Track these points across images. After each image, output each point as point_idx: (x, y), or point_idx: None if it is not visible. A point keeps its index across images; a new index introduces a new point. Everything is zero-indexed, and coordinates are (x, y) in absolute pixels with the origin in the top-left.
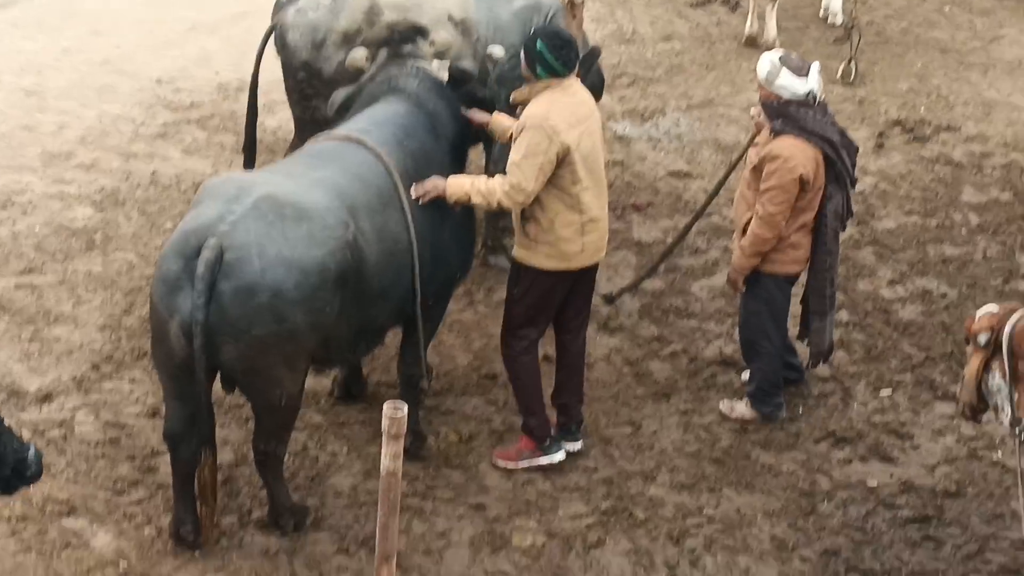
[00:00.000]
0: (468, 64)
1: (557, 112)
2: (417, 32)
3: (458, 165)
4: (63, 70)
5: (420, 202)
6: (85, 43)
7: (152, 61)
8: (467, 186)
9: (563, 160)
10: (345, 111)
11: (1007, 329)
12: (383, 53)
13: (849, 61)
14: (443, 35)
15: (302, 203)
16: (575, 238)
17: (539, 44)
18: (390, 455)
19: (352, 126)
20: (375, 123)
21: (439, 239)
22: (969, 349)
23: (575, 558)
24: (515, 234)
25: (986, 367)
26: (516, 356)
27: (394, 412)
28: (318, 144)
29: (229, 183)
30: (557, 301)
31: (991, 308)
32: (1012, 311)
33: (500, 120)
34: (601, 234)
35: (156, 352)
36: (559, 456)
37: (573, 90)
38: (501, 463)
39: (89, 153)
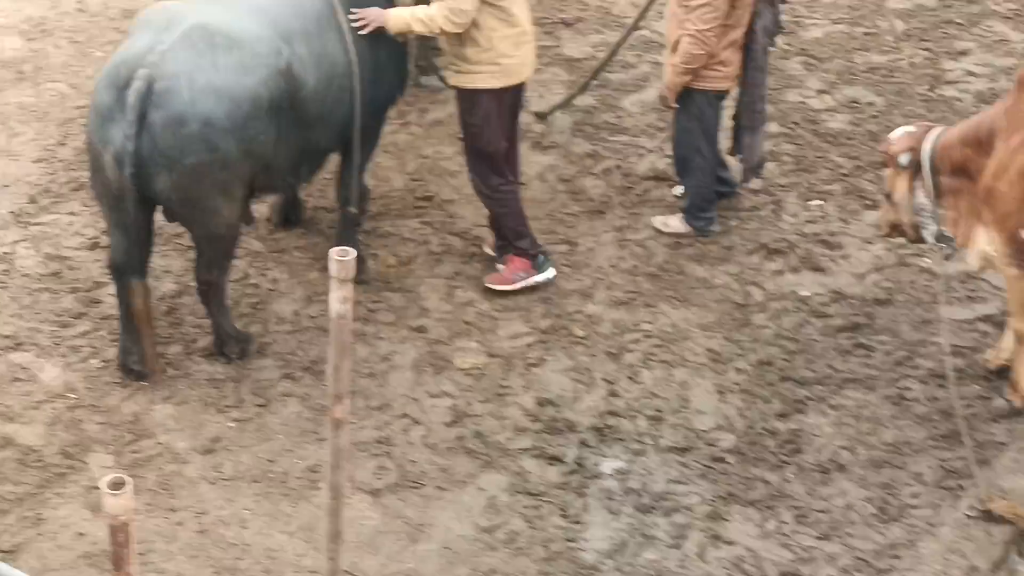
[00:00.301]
0: None
1: None
2: None
3: None
4: None
5: (362, 32)
6: None
7: None
8: (407, 17)
9: None
10: None
11: (927, 147)
12: None
13: None
14: None
15: (234, 31)
16: (514, 52)
17: None
18: (339, 299)
19: None
20: None
21: (376, 60)
22: (888, 172)
23: (516, 377)
24: (453, 65)
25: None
26: (495, 188)
27: (342, 256)
28: None
29: (162, 12)
30: (508, 119)
31: (907, 128)
32: (928, 129)
33: None
34: (532, 46)
35: (94, 183)
36: (552, 272)
37: None
38: (497, 287)
39: None
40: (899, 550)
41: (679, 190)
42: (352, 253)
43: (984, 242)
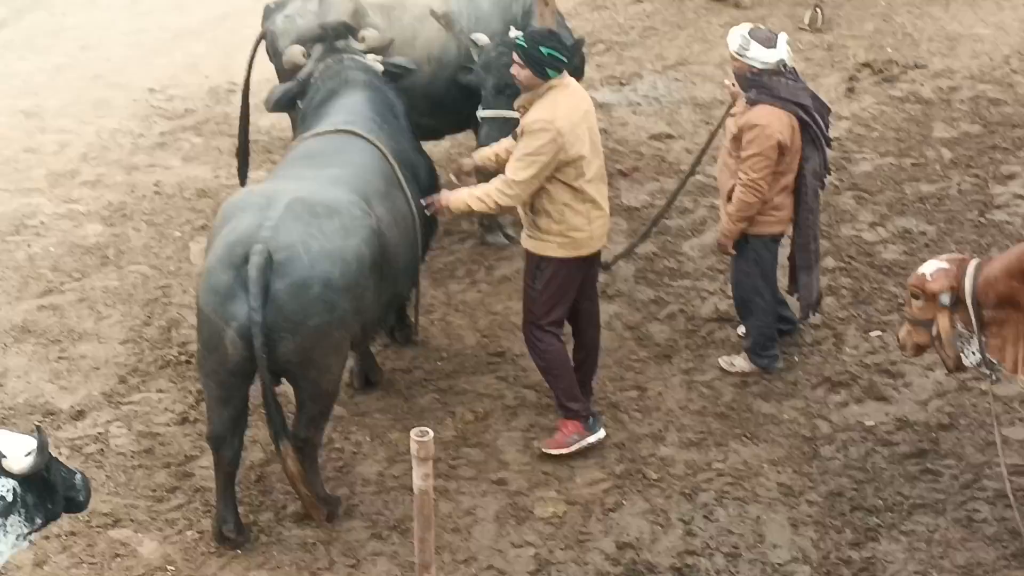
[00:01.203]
0: (406, 60)
1: (562, 113)
2: (348, 30)
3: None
4: (58, 88)
5: (428, 212)
6: (76, 59)
7: (142, 71)
8: (465, 197)
9: (569, 158)
10: (289, 105)
11: (968, 285)
12: (318, 49)
13: (815, 8)
14: (372, 33)
15: (328, 200)
16: (584, 227)
17: (543, 49)
18: (421, 475)
19: (335, 120)
20: (353, 113)
21: (419, 211)
22: (919, 304)
23: (595, 522)
24: (526, 228)
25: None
26: (546, 349)
27: (421, 436)
28: (311, 141)
29: (253, 196)
30: (575, 287)
31: (940, 264)
32: (963, 264)
33: (482, 153)
34: (605, 220)
35: (207, 361)
36: (602, 432)
37: (571, 87)
38: (554, 452)
39: (93, 169)
40: None
41: (742, 330)
42: (430, 433)
43: None
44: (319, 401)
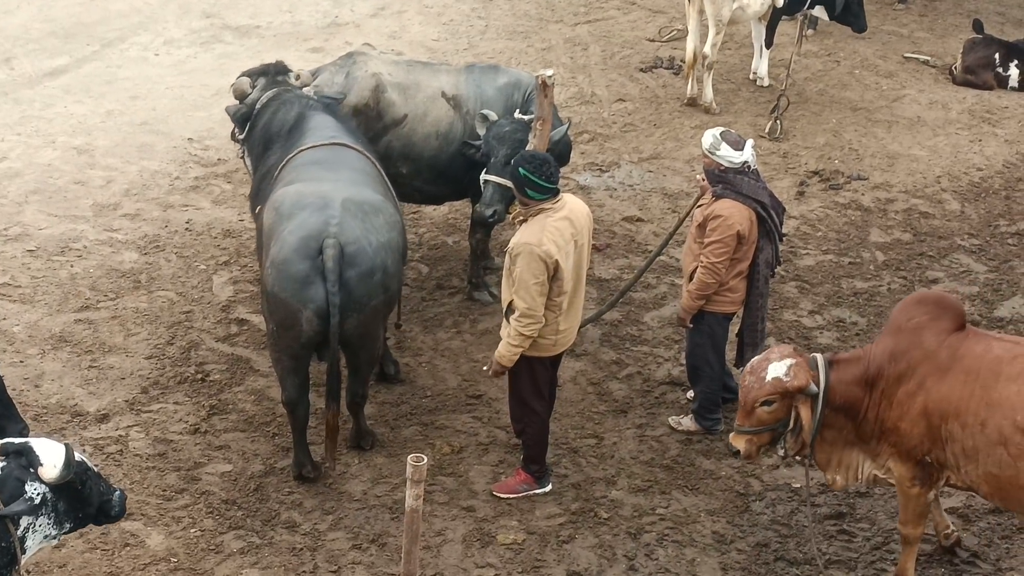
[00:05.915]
0: (335, 93)
1: (549, 236)
2: (285, 68)
3: None
4: (108, 131)
5: (491, 373)
6: (126, 107)
7: (183, 122)
8: (505, 349)
9: (553, 276)
10: (245, 122)
11: (823, 380)
12: (262, 81)
13: (775, 120)
14: (305, 74)
15: (368, 200)
16: (550, 336)
17: (522, 170)
18: (413, 495)
19: (323, 134)
20: (334, 130)
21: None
22: (770, 408)
23: (550, 552)
24: (503, 324)
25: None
26: (528, 428)
27: (416, 461)
28: (310, 152)
29: (306, 196)
30: (548, 375)
31: (785, 362)
32: (801, 358)
33: None
34: (572, 328)
35: (281, 339)
36: (549, 486)
37: (565, 209)
38: (502, 495)
39: (133, 204)
40: None
41: (691, 394)
42: (425, 459)
43: (871, 468)
44: (370, 363)
